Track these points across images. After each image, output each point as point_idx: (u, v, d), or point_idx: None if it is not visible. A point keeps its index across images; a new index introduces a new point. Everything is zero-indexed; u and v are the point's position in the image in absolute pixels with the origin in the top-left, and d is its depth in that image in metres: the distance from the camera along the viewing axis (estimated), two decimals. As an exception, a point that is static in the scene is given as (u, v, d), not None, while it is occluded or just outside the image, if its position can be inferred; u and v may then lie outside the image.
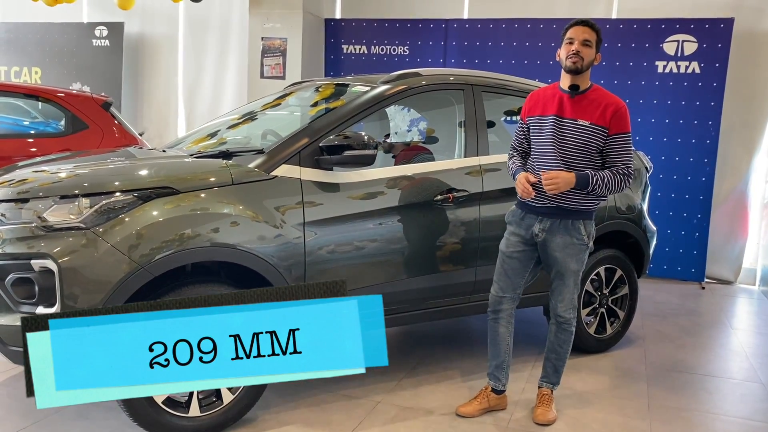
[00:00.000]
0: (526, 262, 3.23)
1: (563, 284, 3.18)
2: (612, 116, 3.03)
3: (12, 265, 2.66)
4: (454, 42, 6.97)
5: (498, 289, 3.28)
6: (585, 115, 3.05)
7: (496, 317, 3.29)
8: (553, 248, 3.13)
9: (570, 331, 3.26)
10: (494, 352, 3.32)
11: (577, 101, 3.08)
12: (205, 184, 2.89)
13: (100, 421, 3.03)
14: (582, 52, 3.04)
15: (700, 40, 6.19)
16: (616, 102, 3.07)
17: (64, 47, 8.50)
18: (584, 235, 3.15)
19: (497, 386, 3.33)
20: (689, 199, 6.36)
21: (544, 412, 3.26)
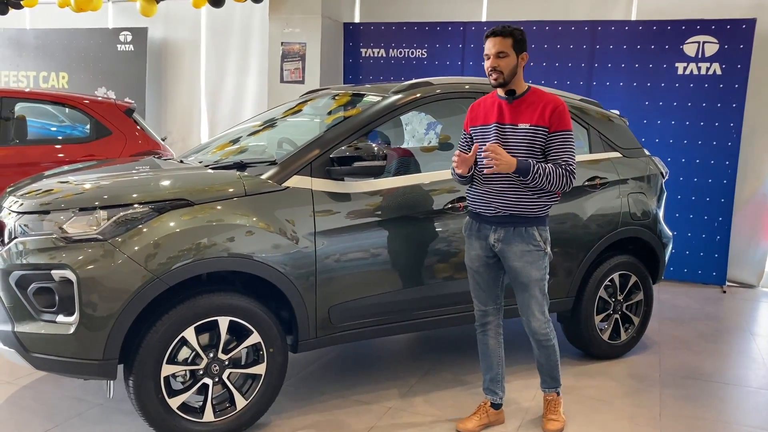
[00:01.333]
0: (495, 273, 3.20)
1: (529, 295, 3.12)
2: (551, 115, 2.99)
3: (34, 275, 2.76)
4: (472, 45, 6.98)
5: (479, 303, 3.27)
6: (524, 118, 3.02)
7: (484, 330, 3.28)
8: (512, 258, 3.07)
9: (550, 345, 3.21)
10: (486, 365, 3.30)
11: (516, 105, 3.05)
12: (220, 195, 2.97)
13: (118, 425, 3.13)
14: (500, 66, 2.98)
15: (721, 41, 6.12)
16: (554, 101, 3.03)
17: (90, 52, 8.70)
18: (540, 241, 3.08)
19: (495, 400, 3.31)
20: (710, 202, 6.30)
21: (553, 421, 3.27)
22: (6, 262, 2.83)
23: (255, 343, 3.02)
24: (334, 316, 3.23)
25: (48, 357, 2.76)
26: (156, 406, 2.82)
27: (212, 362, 2.93)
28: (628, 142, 4.43)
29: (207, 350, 2.92)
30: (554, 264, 3.38)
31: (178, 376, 2.91)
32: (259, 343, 3.02)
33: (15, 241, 2.84)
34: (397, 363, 4.14)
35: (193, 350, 2.89)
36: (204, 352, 2.91)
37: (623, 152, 4.34)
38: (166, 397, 2.84)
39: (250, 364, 3.04)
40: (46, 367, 2.81)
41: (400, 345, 4.45)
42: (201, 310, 2.87)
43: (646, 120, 6.35)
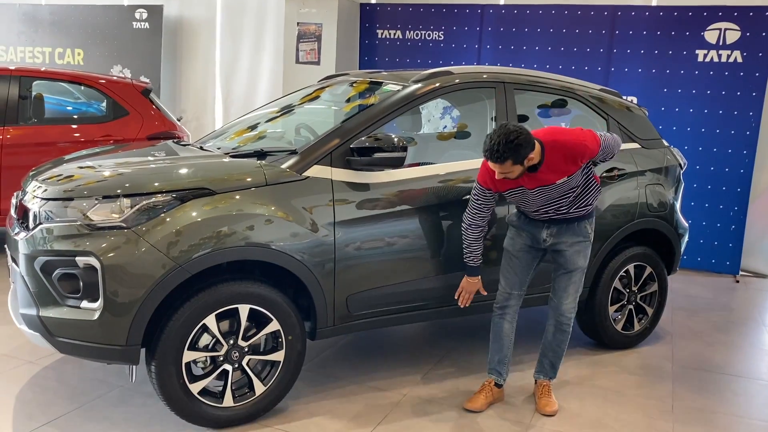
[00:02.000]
0: (532, 261, 3.38)
1: (570, 280, 3.32)
2: (580, 158, 3.06)
3: (59, 261, 2.81)
4: (489, 28, 6.91)
5: (506, 285, 3.39)
6: (558, 175, 3.09)
7: (502, 313, 3.40)
8: (562, 247, 3.29)
9: (568, 331, 3.39)
10: (497, 347, 3.42)
11: (543, 171, 3.07)
12: (241, 185, 2.99)
13: (140, 407, 3.19)
14: (509, 176, 3.02)
15: (743, 29, 6.04)
16: (571, 149, 3.03)
17: (106, 29, 8.68)
18: (588, 232, 3.33)
19: (499, 380, 3.44)
20: (726, 191, 6.26)
21: (549, 402, 3.42)
22: (31, 248, 2.87)
23: (274, 331, 3.06)
24: (352, 305, 3.26)
25: (72, 341, 2.81)
26: (177, 390, 2.88)
27: (232, 349, 2.98)
28: (647, 132, 4.41)
29: (227, 337, 2.97)
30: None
31: (198, 362, 2.96)
32: (278, 331, 3.06)
33: (40, 227, 2.88)
34: (412, 350, 4.18)
35: (214, 337, 2.94)
36: (224, 339, 2.96)
37: (642, 143, 4.32)
38: (187, 382, 2.89)
39: (269, 351, 3.09)
40: (69, 351, 2.87)
41: (414, 332, 4.49)
42: (222, 297, 2.91)
43: (664, 107, 6.30)
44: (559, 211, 3.23)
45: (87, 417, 3.08)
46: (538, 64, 6.63)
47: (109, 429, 3.00)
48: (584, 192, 3.23)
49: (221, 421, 3.02)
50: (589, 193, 3.26)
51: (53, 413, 3.10)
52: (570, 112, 4.54)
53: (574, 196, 3.20)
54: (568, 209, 3.23)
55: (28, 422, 3.01)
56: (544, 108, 4.52)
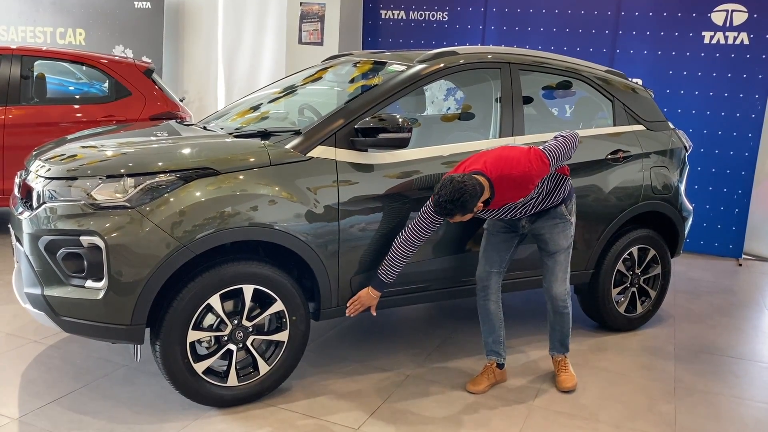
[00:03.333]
0: (511, 240, 3.42)
1: (555, 262, 3.36)
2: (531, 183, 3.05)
3: (63, 240, 2.81)
4: (494, 8, 6.85)
5: (485, 264, 3.42)
6: (514, 199, 3.11)
7: (485, 294, 3.42)
8: (542, 232, 3.34)
9: (566, 312, 3.44)
10: (488, 328, 3.45)
11: (498, 201, 3.07)
12: (245, 165, 2.98)
13: (144, 386, 3.21)
14: (461, 221, 3.04)
15: (750, 10, 5.97)
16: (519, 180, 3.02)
17: (107, 9, 8.62)
18: (566, 214, 3.35)
19: (499, 360, 3.47)
20: (730, 174, 6.24)
21: (567, 378, 3.47)
22: (35, 227, 2.87)
23: (278, 311, 3.07)
24: (356, 286, 3.27)
25: (77, 321, 2.82)
26: (182, 370, 2.89)
27: (236, 329, 2.99)
28: (652, 114, 4.38)
29: (231, 317, 2.98)
30: (574, 237, 3.42)
31: (203, 341, 2.97)
32: (282, 311, 3.07)
33: (43, 207, 2.88)
34: (415, 331, 4.19)
35: (218, 317, 2.95)
36: (228, 319, 2.97)
37: (647, 125, 4.30)
38: (191, 361, 2.91)
39: (273, 331, 3.10)
40: (74, 331, 2.88)
41: (417, 313, 4.50)
42: (226, 278, 2.91)
43: (669, 89, 6.25)
44: (528, 213, 3.26)
45: (92, 396, 3.10)
46: (543, 46, 6.57)
47: (114, 407, 3.02)
48: (551, 191, 3.25)
49: (225, 401, 3.04)
50: (557, 189, 3.28)
51: (59, 392, 3.12)
52: (575, 94, 4.51)
53: (540, 199, 3.23)
54: (538, 208, 3.25)
55: (34, 400, 3.03)
56: (549, 89, 4.49)
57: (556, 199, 3.29)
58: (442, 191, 2.91)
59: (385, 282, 3.21)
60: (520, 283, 3.85)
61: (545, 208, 3.28)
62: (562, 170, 3.32)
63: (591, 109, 4.38)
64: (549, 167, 3.09)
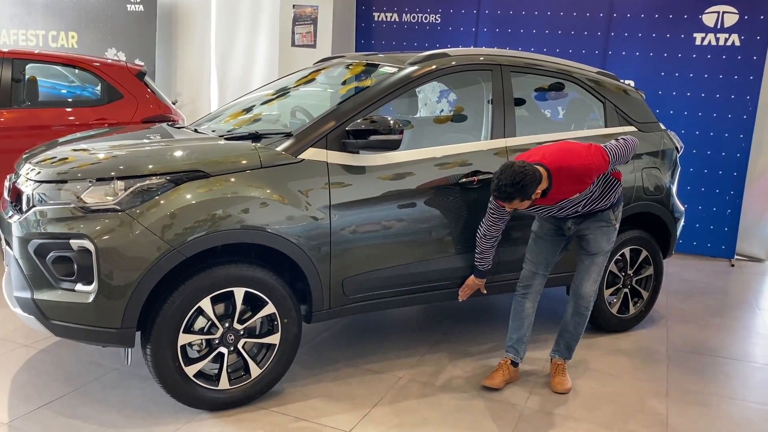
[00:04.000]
0: (558, 244, 3.46)
1: (593, 263, 3.40)
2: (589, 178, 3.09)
3: (52, 243, 2.79)
4: (486, 11, 6.86)
5: (531, 265, 3.46)
6: (570, 193, 3.15)
7: (525, 293, 3.46)
8: (586, 233, 3.38)
9: (586, 314, 3.45)
10: (516, 325, 3.48)
11: (554, 193, 3.11)
12: (236, 167, 2.97)
13: (136, 390, 3.20)
14: (519, 209, 3.14)
15: (741, 12, 6.00)
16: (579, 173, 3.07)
17: (100, 12, 8.59)
18: (613, 219, 3.41)
19: (516, 359, 3.49)
20: (722, 175, 6.26)
21: (562, 381, 3.47)
22: (25, 231, 2.86)
23: (270, 314, 3.06)
24: (348, 288, 3.26)
25: (67, 324, 2.80)
26: (173, 373, 2.88)
27: (228, 332, 2.98)
28: (643, 116, 4.40)
29: (223, 320, 2.97)
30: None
31: (194, 344, 2.96)
32: (273, 314, 3.06)
33: (33, 210, 2.86)
34: (408, 333, 4.19)
35: (209, 320, 2.94)
36: (220, 322, 2.96)
37: (639, 126, 4.31)
38: (182, 365, 2.89)
39: (265, 334, 3.09)
40: (65, 334, 2.86)
41: (410, 315, 4.50)
42: (217, 280, 2.90)
43: (661, 91, 6.28)
44: (578, 211, 3.28)
45: (83, 400, 3.09)
46: (536, 47, 6.59)
47: (105, 412, 3.00)
48: (603, 193, 3.29)
49: (217, 404, 3.03)
50: (609, 193, 3.31)
51: (49, 396, 3.10)
52: (567, 95, 4.52)
53: (592, 199, 3.25)
54: (587, 209, 3.28)
55: (24, 405, 3.01)
56: (540, 91, 4.50)
57: (606, 203, 3.32)
58: (502, 176, 2.96)
59: (483, 271, 3.45)
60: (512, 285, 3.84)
61: (593, 211, 3.31)
62: (616, 175, 3.35)
63: (583, 110, 4.39)
64: (608, 165, 3.13)
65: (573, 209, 3.25)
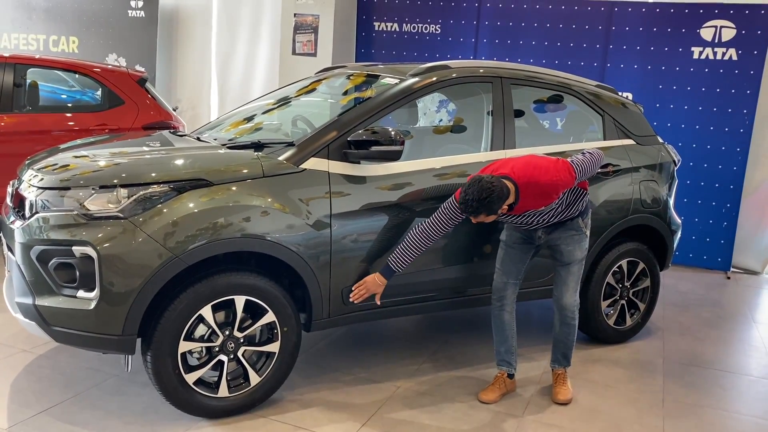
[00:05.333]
0: (527, 251, 3.48)
1: (569, 272, 3.42)
2: (555, 193, 3.10)
3: (55, 250, 2.81)
4: (486, 22, 6.91)
5: (502, 275, 3.47)
6: (535, 206, 3.17)
7: (501, 305, 3.47)
8: (558, 243, 3.39)
9: (573, 324, 3.48)
10: (501, 338, 3.50)
11: (520, 207, 3.13)
12: (238, 176, 3.00)
13: (135, 397, 3.21)
14: (484, 221, 3.10)
15: (738, 27, 6.06)
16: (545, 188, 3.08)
17: (101, 17, 8.61)
18: (583, 227, 3.42)
19: (510, 371, 3.52)
20: (719, 188, 6.30)
21: (563, 391, 3.50)
22: (27, 237, 2.87)
23: (270, 322, 3.07)
24: (347, 297, 3.28)
25: (68, 331, 2.82)
26: (173, 381, 2.89)
27: (228, 340, 2.99)
28: (641, 129, 4.44)
29: (223, 328, 2.98)
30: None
31: (194, 352, 2.97)
32: (273, 322, 3.08)
33: (36, 216, 2.88)
34: (406, 342, 4.21)
35: (210, 328, 2.95)
36: (220, 330, 2.97)
37: (637, 139, 4.35)
38: (182, 372, 2.91)
39: (265, 342, 3.11)
40: (65, 341, 2.87)
41: (407, 324, 4.51)
42: (218, 288, 2.92)
43: (658, 104, 6.32)
44: (545, 222, 3.30)
45: (82, 406, 3.09)
46: (535, 59, 6.63)
47: (104, 418, 3.01)
48: (570, 204, 3.31)
49: (216, 412, 3.04)
50: (576, 203, 3.33)
51: (48, 402, 3.11)
52: (566, 108, 4.56)
53: (558, 210, 3.27)
54: (555, 219, 3.30)
55: (23, 410, 3.02)
56: (540, 103, 4.53)
57: (574, 212, 3.34)
58: (469, 190, 2.96)
59: (393, 270, 3.22)
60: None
61: (563, 220, 3.33)
62: (582, 184, 3.38)
63: (581, 123, 4.43)
64: (574, 180, 3.15)
65: (540, 220, 3.26)
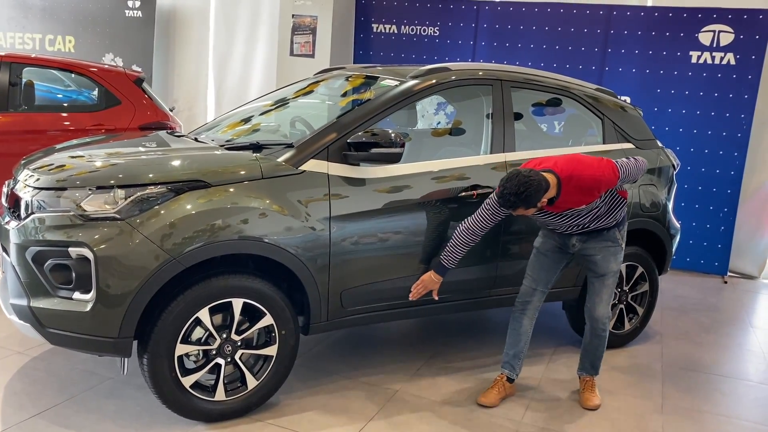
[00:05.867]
0: (559, 262, 3.46)
1: (603, 285, 3.40)
2: (597, 191, 3.11)
3: (51, 251, 2.77)
4: (485, 24, 6.91)
5: (531, 281, 3.46)
6: (577, 204, 3.16)
7: (523, 309, 3.46)
8: (591, 253, 3.37)
9: (603, 336, 3.47)
10: (513, 341, 3.48)
11: (561, 203, 3.13)
12: (236, 177, 2.97)
13: (130, 400, 3.17)
14: (525, 215, 3.12)
15: (737, 31, 6.07)
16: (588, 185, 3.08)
17: (98, 17, 8.58)
18: (619, 238, 3.40)
19: (511, 375, 3.49)
20: (716, 192, 6.31)
21: (590, 397, 3.50)
22: (23, 237, 2.84)
23: (267, 325, 3.04)
24: (346, 300, 3.26)
25: (63, 333, 2.78)
26: (169, 384, 2.86)
27: (225, 343, 2.96)
28: (641, 133, 4.43)
29: (220, 331, 2.95)
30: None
31: (191, 355, 2.94)
32: (271, 325, 3.05)
33: (32, 217, 2.84)
34: (404, 345, 4.18)
35: (207, 330, 2.92)
36: (217, 333, 2.94)
37: (636, 143, 4.34)
38: (179, 375, 2.87)
39: (262, 346, 3.08)
40: (61, 343, 2.83)
41: (405, 327, 4.49)
42: (216, 291, 2.89)
43: (657, 108, 6.33)
44: (583, 227, 3.29)
45: (77, 409, 3.06)
46: (533, 62, 6.63)
47: (99, 421, 2.97)
48: (609, 210, 3.29)
49: (213, 415, 3.01)
50: (614, 210, 3.31)
51: (43, 404, 3.07)
52: (565, 111, 4.55)
53: (597, 215, 3.26)
54: (592, 225, 3.29)
55: (18, 413, 2.98)
56: (539, 106, 4.52)
57: (611, 221, 3.32)
58: (507, 184, 2.96)
59: (446, 267, 3.29)
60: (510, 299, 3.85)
61: (599, 228, 3.31)
62: (622, 193, 3.36)
63: (581, 126, 4.41)
64: (617, 179, 3.14)
65: (578, 223, 3.25)
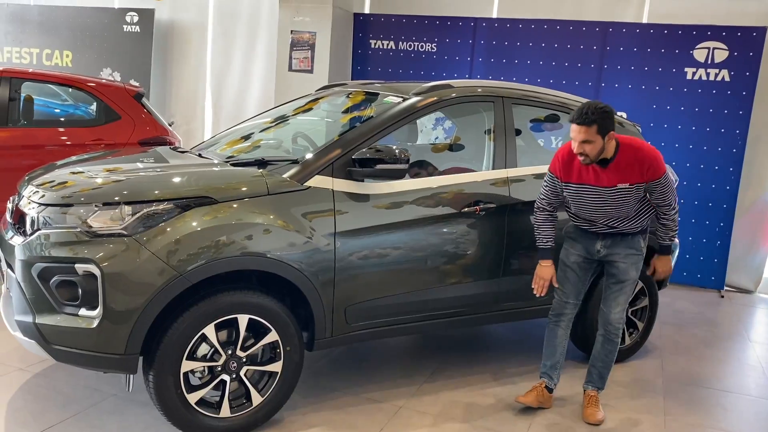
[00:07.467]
0: (586, 272, 3.54)
1: (621, 291, 3.46)
2: (647, 171, 3.22)
3: (57, 267, 2.77)
4: (482, 41, 6.97)
5: (562, 294, 3.52)
6: (623, 179, 3.24)
7: (557, 321, 3.53)
8: (615, 258, 3.42)
9: (616, 341, 3.51)
10: (550, 352, 3.55)
11: (612, 169, 3.23)
12: (242, 194, 2.98)
13: (134, 417, 3.16)
14: (585, 150, 3.18)
15: (731, 48, 6.15)
16: (645, 156, 3.22)
17: (95, 32, 8.60)
18: (642, 247, 3.47)
19: (550, 384, 3.55)
20: (712, 207, 6.36)
21: (594, 412, 3.50)
22: (28, 254, 2.84)
23: (272, 342, 3.04)
24: (351, 316, 3.26)
25: (69, 349, 2.77)
26: (174, 400, 2.85)
27: (230, 359, 2.96)
28: (639, 149, 4.46)
29: (225, 347, 2.95)
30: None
31: (196, 371, 2.93)
32: (276, 342, 3.05)
33: (38, 233, 2.84)
34: (406, 361, 4.18)
35: (213, 347, 2.92)
36: (223, 349, 2.94)
37: (635, 159, 4.37)
38: (184, 392, 2.87)
39: (267, 362, 3.08)
40: (66, 360, 2.82)
41: (407, 343, 4.49)
42: (222, 307, 2.89)
43: (653, 123, 6.39)
44: (611, 224, 3.34)
45: (80, 426, 3.04)
46: (530, 78, 6.69)
47: (103, 438, 2.96)
48: (638, 212, 3.35)
49: (218, 432, 3.00)
50: (643, 215, 3.38)
51: (46, 422, 3.05)
52: (563, 127, 4.59)
53: (627, 213, 3.31)
54: (620, 224, 3.34)
55: (21, 430, 2.96)
56: (538, 122, 4.56)
57: (637, 226, 3.38)
58: (586, 105, 3.14)
59: (544, 248, 3.44)
60: (513, 314, 3.88)
61: (624, 231, 3.36)
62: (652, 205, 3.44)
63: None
64: (663, 175, 3.26)
65: (610, 215, 3.29)
